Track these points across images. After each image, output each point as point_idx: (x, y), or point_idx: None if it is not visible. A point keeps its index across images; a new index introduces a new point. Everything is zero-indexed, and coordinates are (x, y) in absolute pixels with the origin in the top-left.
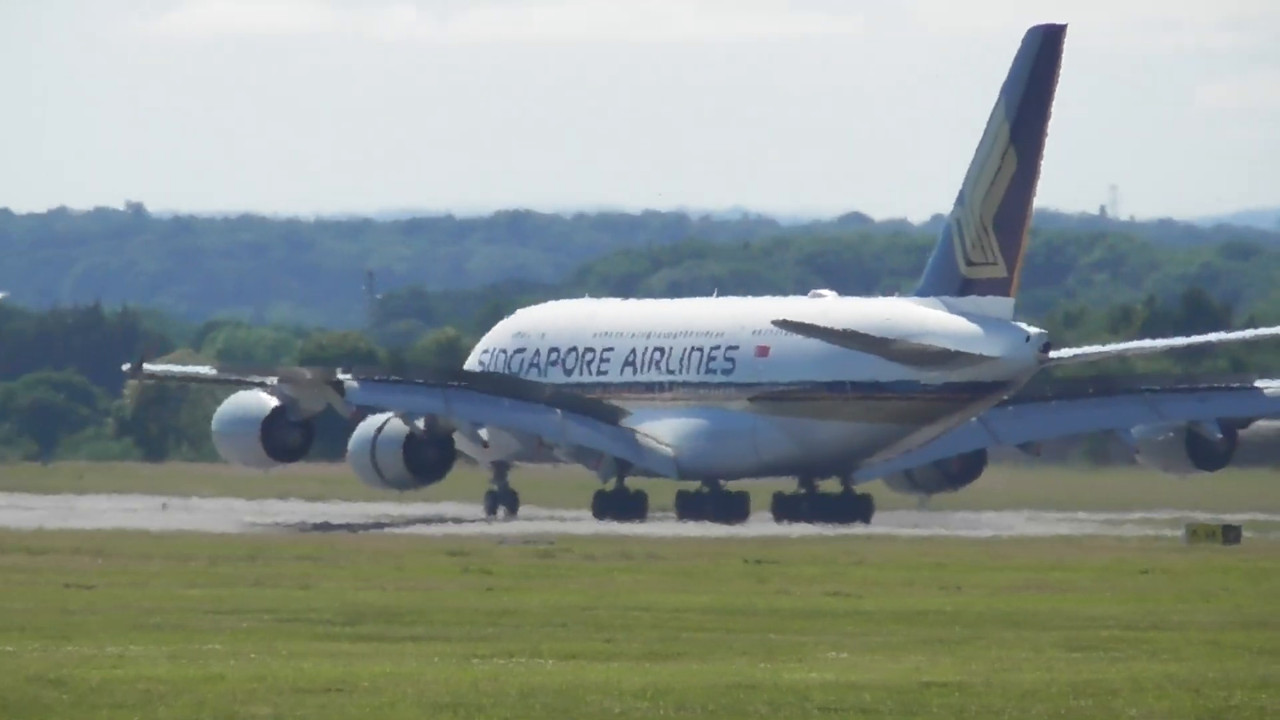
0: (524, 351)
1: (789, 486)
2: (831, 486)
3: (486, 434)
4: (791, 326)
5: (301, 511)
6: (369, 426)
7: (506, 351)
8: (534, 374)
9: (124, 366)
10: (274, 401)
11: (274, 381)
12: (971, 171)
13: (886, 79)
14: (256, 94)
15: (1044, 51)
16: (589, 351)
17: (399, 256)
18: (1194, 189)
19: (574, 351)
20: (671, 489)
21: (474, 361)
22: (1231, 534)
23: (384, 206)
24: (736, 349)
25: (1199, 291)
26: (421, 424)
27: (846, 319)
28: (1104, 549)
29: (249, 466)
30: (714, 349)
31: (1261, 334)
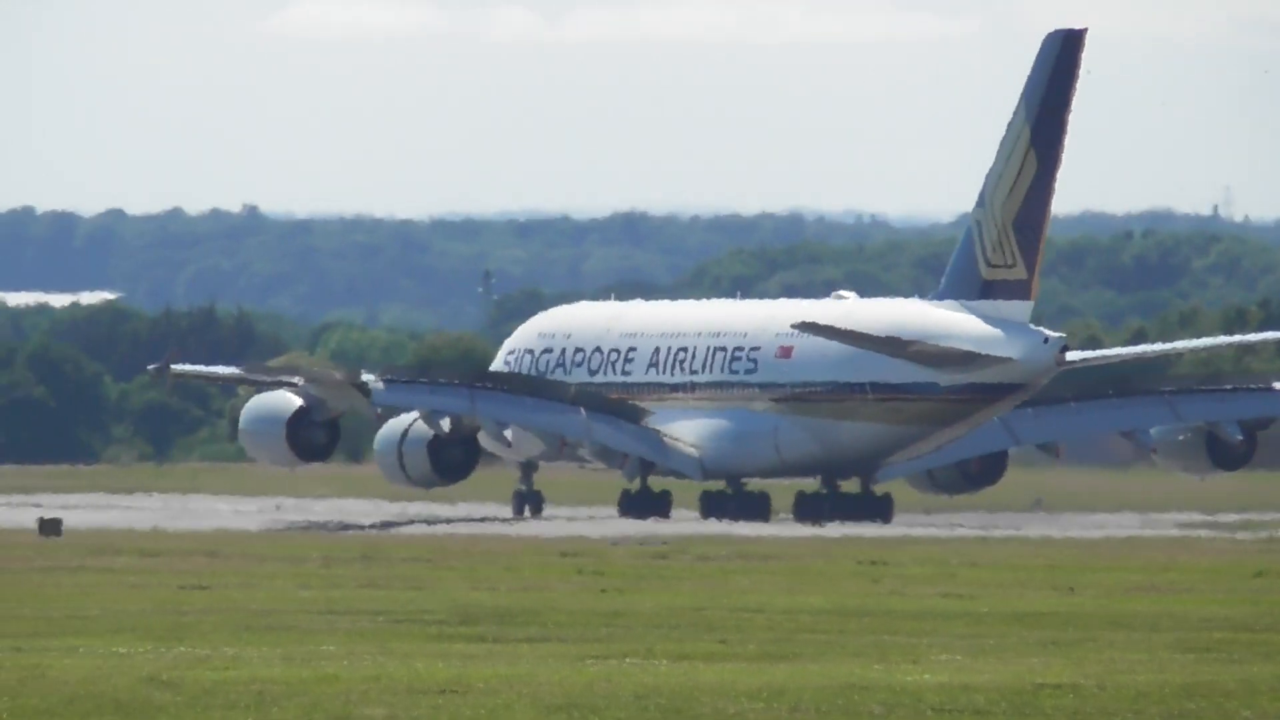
0: (550, 352)
1: (811, 486)
2: (851, 486)
3: (511, 434)
4: (811, 329)
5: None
6: (396, 426)
7: (533, 352)
8: (559, 374)
9: (149, 367)
10: (299, 401)
11: (300, 382)
12: (992, 174)
13: (997, 80)
14: (369, 96)
15: (1063, 56)
16: (614, 352)
17: (514, 258)
18: None
19: (599, 352)
20: (694, 489)
21: (500, 362)
22: None
23: (499, 208)
24: (759, 350)
25: None
26: (446, 424)
27: (868, 321)
28: (1216, 551)
29: (275, 465)
30: (737, 350)
31: (1266, 337)
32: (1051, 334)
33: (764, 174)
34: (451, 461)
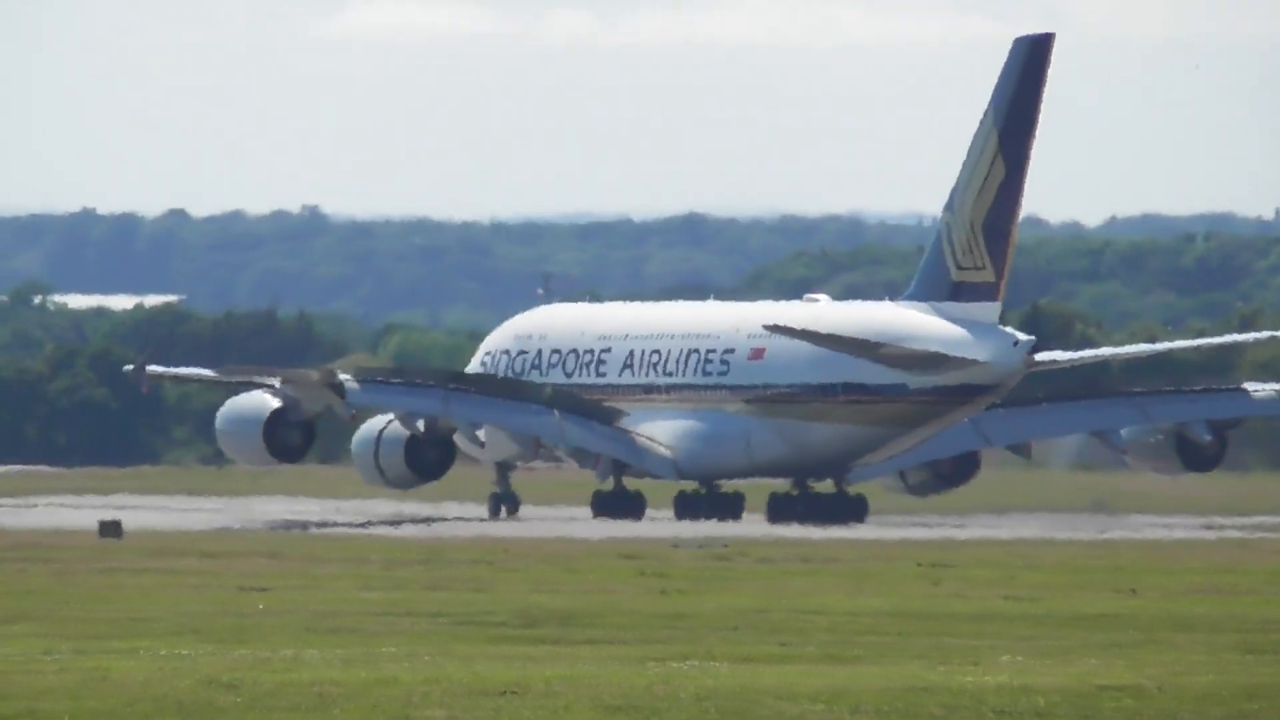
0: (526, 353)
1: (783, 487)
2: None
3: (484, 435)
4: (782, 331)
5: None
6: (372, 427)
7: (509, 353)
8: (535, 375)
9: (126, 368)
10: (276, 402)
11: (276, 383)
12: (961, 178)
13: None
14: (429, 98)
15: (1031, 61)
16: (588, 353)
17: (575, 260)
18: None
19: (574, 353)
20: (669, 489)
21: (477, 363)
22: None
23: (559, 210)
24: (732, 352)
25: None
26: (421, 425)
27: (838, 323)
28: (1277, 552)
29: (251, 465)
30: (710, 352)
31: (1247, 337)
32: (1021, 336)
33: (825, 176)
34: (427, 462)
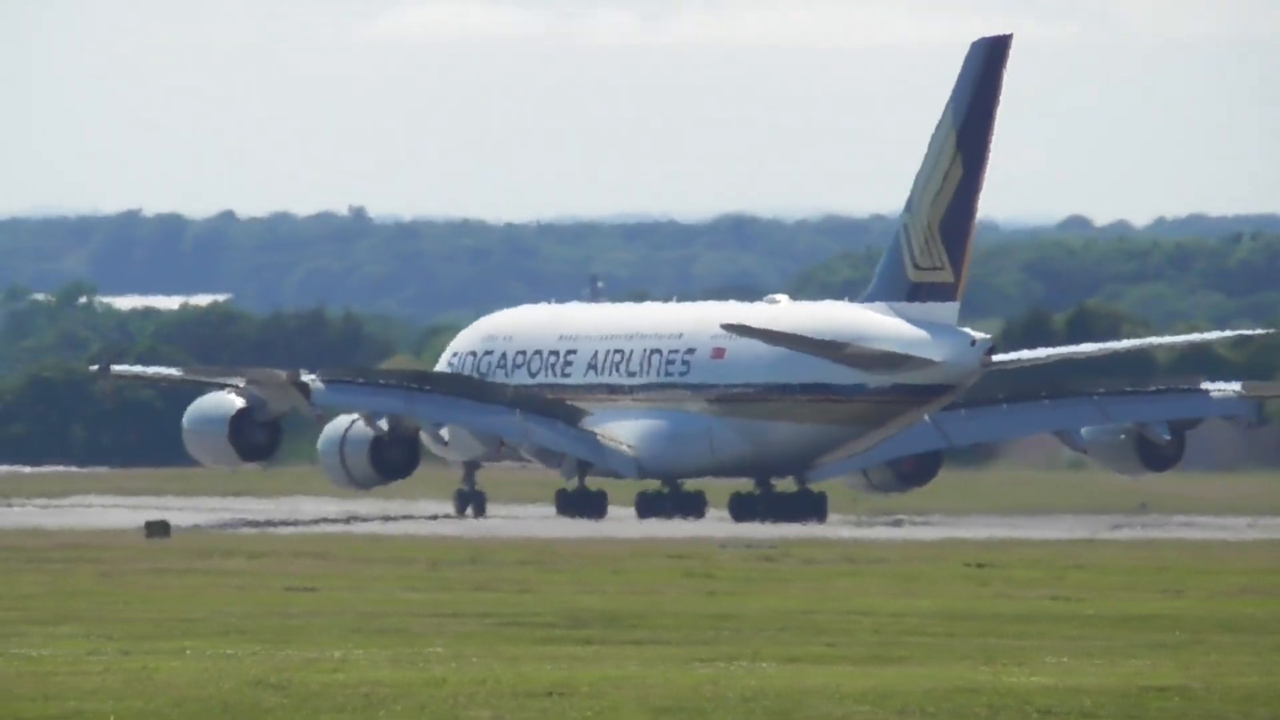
0: (492, 354)
1: (746, 486)
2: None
3: (448, 435)
4: (739, 330)
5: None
6: (338, 427)
7: (476, 354)
8: (501, 376)
9: (91, 367)
10: (241, 402)
11: (242, 383)
12: (919, 179)
13: (1106, 84)
14: (474, 99)
15: (989, 63)
16: (553, 354)
17: (621, 261)
18: None
19: (539, 354)
20: (632, 488)
21: (444, 363)
22: None
23: (606, 211)
24: (694, 352)
25: None
26: (385, 424)
27: (797, 323)
28: None
29: (218, 465)
30: (672, 352)
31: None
32: (978, 335)
33: (873, 176)
34: (392, 462)
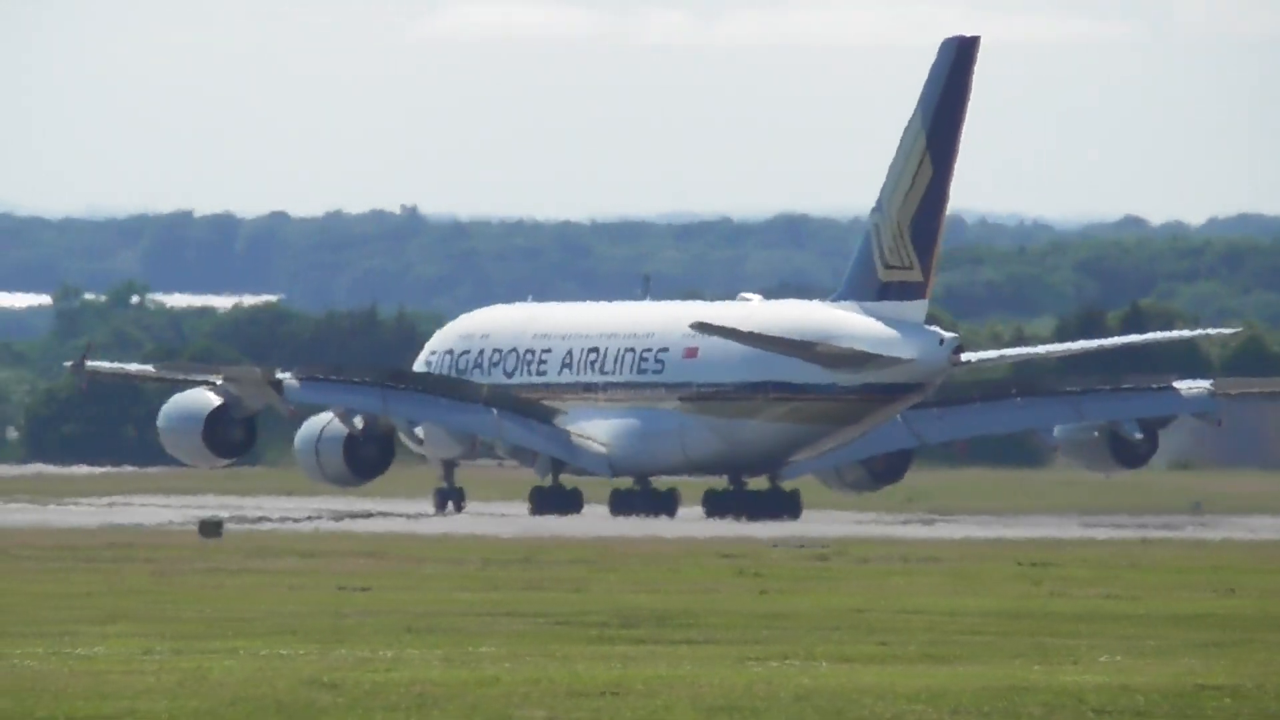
0: (468, 353)
1: (720, 483)
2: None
3: (423, 433)
4: (709, 330)
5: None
6: (315, 424)
7: (452, 353)
8: (477, 375)
9: (66, 364)
10: (217, 399)
11: (218, 380)
12: (889, 179)
13: (1155, 83)
14: (527, 98)
15: (958, 63)
16: (529, 353)
17: (674, 260)
18: None
19: (514, 353)
20: (606, 486)
21: (421, 362)
22: None
23: (659, 210)
24: (667, 351)
25: None
26: (360, 422)
27: (768, 322)
28: None
29: (193, 463)
30: (645, 350)
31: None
32: (946, 334)
33: None
34: (367, 460)
